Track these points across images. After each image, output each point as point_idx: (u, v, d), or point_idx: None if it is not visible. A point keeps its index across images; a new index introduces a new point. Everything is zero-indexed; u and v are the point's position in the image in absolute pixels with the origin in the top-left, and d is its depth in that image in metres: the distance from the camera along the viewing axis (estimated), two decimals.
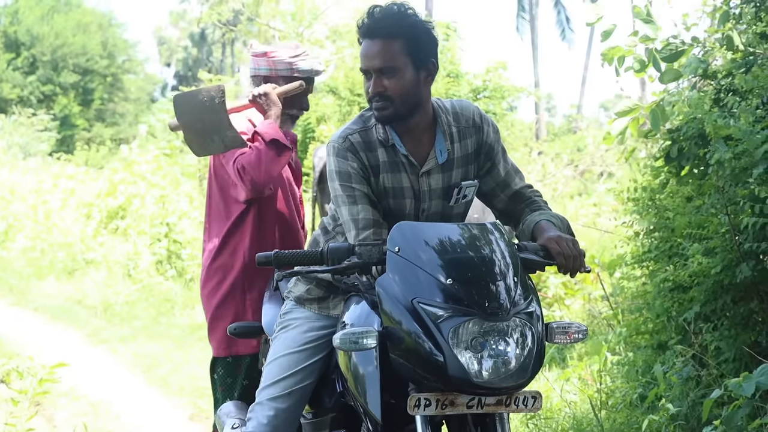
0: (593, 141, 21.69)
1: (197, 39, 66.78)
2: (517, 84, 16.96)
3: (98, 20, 51.51)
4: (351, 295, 3.73)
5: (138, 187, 16.70)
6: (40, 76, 46.14)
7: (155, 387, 9.22)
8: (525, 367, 3.15)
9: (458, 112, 3.87)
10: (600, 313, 9.22)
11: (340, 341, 3.20)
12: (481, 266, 3.22)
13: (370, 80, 3.68)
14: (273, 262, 3.43)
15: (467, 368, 3.08)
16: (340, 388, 3.83)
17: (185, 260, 14.44)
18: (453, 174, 3.82)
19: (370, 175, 3.74)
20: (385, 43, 3.65)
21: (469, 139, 3.85)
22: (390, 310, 3.23)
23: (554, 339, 3.35)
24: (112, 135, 44.82)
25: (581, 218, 16.42)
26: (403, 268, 3.26)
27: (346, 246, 3.40)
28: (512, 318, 3.14)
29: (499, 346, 3.12)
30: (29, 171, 23.01)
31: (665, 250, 6.30)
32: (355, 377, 3.46)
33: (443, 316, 3.11)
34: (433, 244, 3.29)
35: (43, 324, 12.39)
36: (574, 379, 7.44)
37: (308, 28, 19.88)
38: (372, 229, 3.62)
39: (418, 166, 3.78)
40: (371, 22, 3.67)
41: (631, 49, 6.59)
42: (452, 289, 3.15)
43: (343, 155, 3.73)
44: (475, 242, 3.32)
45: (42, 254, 16.44)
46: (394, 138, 3.76)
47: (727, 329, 5.77)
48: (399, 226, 3.36)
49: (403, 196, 3.77)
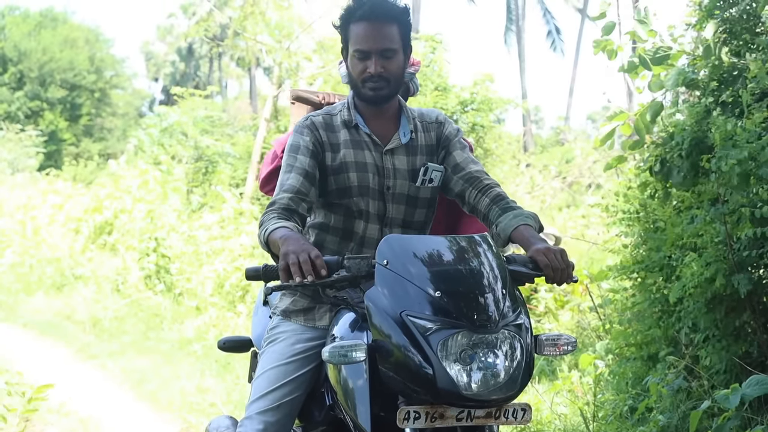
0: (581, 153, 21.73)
1: (184, 54, 66.77)
2: (504, 96, 16.99)
3: (85, 36, 51.50)
4: (340, 308, 3.73)
5: (124, 202, 16.70)
6: (28, 91, 46.10)
7: (144, 402, 9.19)
8: (514, 379, 3.14)
9: (423, 113, 4.10)
10: (589, 325, 9.23)
11: (329, 354, 3.20)
12: (469, 278, 3.22)
13: (364, 61, 3.81)
14: (262, 276, 3.43)
15: (456, 381, 3.07)
16: (330, 401, 3.82)
17: (174, 275, 14.41)
18: (418, 158, 3.97)
19: (324, 151, 3.90)
20: (386, 26, 3.80)
21: (432, 132, 4.04)
22: (379, 323, 3.22)
23: (543, 351, 3.35)
24: (100, 150, 44.86)
25: (570, 230, 16.46)
26: (392, 281, 3.25)
27: (335, 259, 3.40)
28: (501, 330, 3.13)
29: (488, 358, 3.11)
30: (17, 186, 23.00)
31: (656, 261, 6.31)
32: (345, 390, 3.45)
33: (432, 328, 3.10)
34: (422, 256, 3.28)
35: (31, 339, 12.36)
36: (564, 392, 7.44)
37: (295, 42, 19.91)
38: (292, 195, 3.72)
39: (381, 144, 3.94)
40: (372, 4, 3.80)
41: (621, 46, 6.69)
42: (441, 301, 3.14)
43: (300, 131, 3.91)
44: (463, 254, 3.32)
45: (30, 270, 16.42)
46: (357, 119, 3.95)
47: (718, 340, 5.78)
48: (387, 239, 3.37)
49: (366, 170, 3.90)
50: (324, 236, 3.97)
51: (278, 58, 19.63)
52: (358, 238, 3.93)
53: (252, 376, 4.50)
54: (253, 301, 12.63)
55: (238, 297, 13.29)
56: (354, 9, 3.82)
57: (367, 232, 3.93)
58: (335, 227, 3.95)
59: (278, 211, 3.67)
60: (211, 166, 20.53)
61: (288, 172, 3.81)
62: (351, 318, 3.60)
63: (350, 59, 3.85)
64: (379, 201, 3.91)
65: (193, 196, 18.42)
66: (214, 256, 14.47)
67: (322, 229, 3.98)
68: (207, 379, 9.56)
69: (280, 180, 3.81)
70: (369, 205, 3.90)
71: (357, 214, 3.91)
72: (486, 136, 16.27)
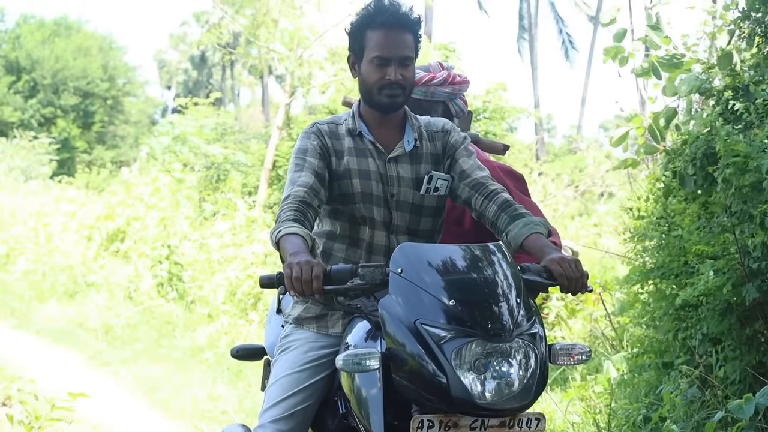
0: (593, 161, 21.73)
1: (197, 62, 66.95)
2: (516, 105, 16.99)
3: (99, 44, 51.70)
4: (353, 317, 3.73)
5: (136, 210, 16.73)
6: (41, 99, 46.27)
7: (156, 410, 9.20)
8: (528, 388, 3.14)
9: (430, 122, 4.09)
10: (602, 334, 9.21)
11: (343, 362, 3.19)
12: (484, 287, 3.21)
13: (384, 68, 3.82)
14: (276, 283, 3.43)
15: (470, 389, 3.06)
16: (343, 409, 3.81)
17: (186, 282, 14.43)
18: (422, 166, 3.97)
19: (330, 156, 3.91)
20: (404, 33, 3.83)
21: (438, 141, 4.03)
22: (393, 332, 3.22)
23: (557, 360, 3.35)
24: (112, 158, 44.96)
25: (582, 238, 16.43)
26: (406, 290, 3.25)
27: (349, 267, 3.40)
28: (515, 339, 3.13)
29: (501, 367, 3.11)
30: (30, 194, 23.05)
31: (672, 268, 6.29)
32: (358, 399, 3.44)
33: (446, 337, 3.10)
34: (436, 265, 3.28)
35: (44, 347, 12.37)
36: (577, 400, 7.42)
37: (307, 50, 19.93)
38: (306, 189, 3.73)
39: (385, 152, 3.94)
40: (395, 12, 3.82)
41: (632, 52, 6.68)
42: (455, 310, 3.14)
43: (307, 136, 3.93)
44: (477, 263, 3.31)
45: (43, 277, 16.44)
46: (361, 127, 3.96)
47: (732, 350, 5.76)
48: (402, 247, 3.37)
49: (369, 178, 3.90)
50: (332, 244, 3.97)
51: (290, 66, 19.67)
52: (365, 245, 3.93)
53: (265, 384, 4.50)
54: (265, 309, 12.64)
55: (250, 305, 13.29)
56: (373, 15, 3.82)
57: (375, 239, 3.93)
58: (342, 235, 3.95)
59: (294, 205, 3.66)
60: (223, 174, 20.57)
61: (299, 170, 3.82)
62: (364, 326, 3.59)
63: (366, 65, 3.85)
64: (384, 208, 3.92)
65: (206, 204, 18.45)
66: (227, 263, 14.49)
67: (329, 238, 3.98)
68: (219, 387, 9.56)
69: (291, 178, 3.82)
70: (374, 212, 3.91)
71: (361, 220, 3.91)
72: None
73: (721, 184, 5.51)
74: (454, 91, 4.72)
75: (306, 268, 3.27)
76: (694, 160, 6.11)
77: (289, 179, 3.83)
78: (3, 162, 28.89)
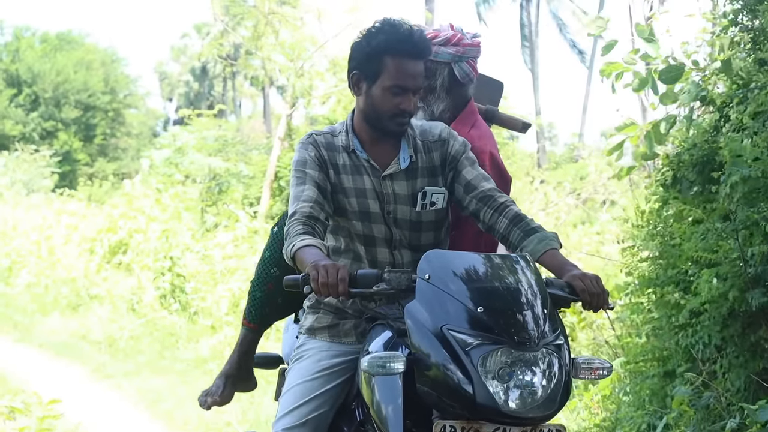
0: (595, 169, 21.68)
1: (198, 74, 66.95)
2: (518, 113, 16.97)
3: (100, 56, 51.75)
4: (375, 324, 3.74)
5: (138, 222, 16.73)
6: (42, 112, 46.32)
7: (160, 422, 9.19)
8: (552, 398, 3.15)
9: (426, 130, 4.01)
10: (605, 342, 9.19)
11: (368, 365, 3.20)
12: (511, 296, 3.23)
13: (399, 96, 3.78)
14: (301, 285, 3.41)
15: (495, 397, 3.08)
16: (361, 416, 3.81)
17: (189, 294, 14.42)
18: (418, 182, 3.92)
19: (328, 168, 3.88)
20: (421, 63, 3.81)
21: (435, 152, 3.97)
22: (418, 337, 3.24)
23: (579, 374, 3.34)
24: (114, 170, 44.98)
25: (585, 246, 16.41)
26: (432, 296, 3.26)
27: (374, 272, 3.40)
28: (541, 349, 3.15)
29: (526, 376, 3.12)
30: (32, 207, 23.06)
31: (672, 276, 6.29)
32: (378, 405, 3.44)
33: (473, 343, 3.12)
34: (462, 272, 3.30)
35: (47, 360, 12.37)
36: (581, 409, 7.42)
37: (308, 61, 19.94)
38: (312, 203, 3.72)
39: (380, 169, 3.90)
40: (416, 42, 3.78)
41: (629, 66, 6.64)
42: (482, 317, 3.15)
43: (304, 147, 3.90)
44: (504, 272, 3.34)
45: (46, 290, 16.45)
46: (355, 144, 3.91)
47: (735, 357, 5.75)
48: (428, 255, 3.38)
49: (365, 196, 3.88)
50: (337, 259, 3.96)
51: (291, 77, 19.69)
52: (368, 261, 3.92)
53: (279, 393, 4.52)
54: None
55: None
56: (396, 42, 3.75)
57: (378, 256, 3.92)
58: (346, 250, 3.96)
59: (302, 220, 3.67)
60: (225, 186, 20.58)
61: (301, 184, 3.80)
62: (386, 334, 3.60)
63: (381, 91, 3.79)
64: (384, 225, 3.91)
65: (208, 216, 18.47)
66: (229, 275, 14.49)
67: (334, 253, 3.97)
68: None
69: (294, 193, 3.80)
70: (373, 230, 3.90)
71: (361, 238, 3.91)
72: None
73: (726, 189, 5.50)
74: (458, 52, 4.43)
75: (332, 271, 3.28)
76: (695, 166, 6.11)
77: (292, 195, 3.81)
78: (5, 175, 28.95)
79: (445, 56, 4.43)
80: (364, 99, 3.87)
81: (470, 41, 4.47)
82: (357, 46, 3.87)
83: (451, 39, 4.45)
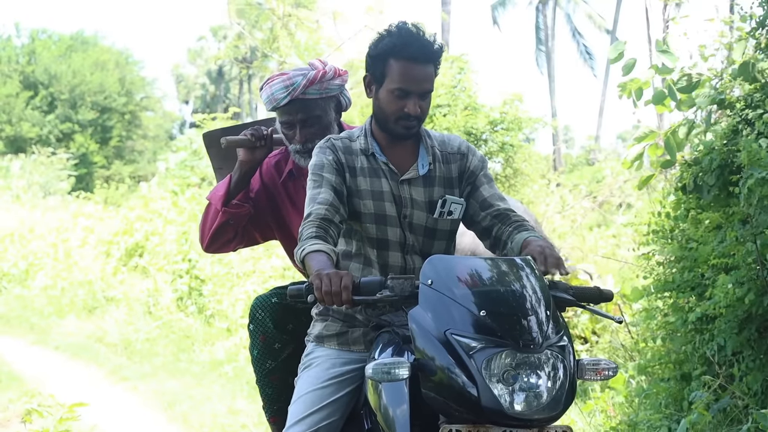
0: (611, 172, 21.63)
1: (215, 76, 67.16)
2: (533, 115, 16.94)
3: (115, 58, 51.89)
4: (381, 331, 3.75)
5: (155, 225, 16.75)
6: (59, 114, 46.50)
7: (176, 424, 9.20)
8: (557, 399, 3.16)
9: (445, 141, 4.06)
10: (621, 345, 9.17)
11: (373, 371, 3.21)
12: (513, 300, 3.24)
13: (403, 99, 3.81)
14: (304, 294, 3.42)
15: (500, 400, 3.09)
16: (369, 424, 3.82)
17: (206, 296, 14.43)
18: (435, 190, 3.95)
19: (344, 171, 3.90)
20: (429, 67, 3.83)
21: (453, 164, 4.00)
22: (423, 342, 3.25)
23: (584, 375, 3.35)
24: (130, 172, 45.08)
25: (601, 249, 16.39)
26: (436, 301, 3.27)
27: (378, 280, 3.41)
28: (544, 351, 3.16)
29: (530, 378, 3.13)
30: (49, 210, 23.15)
31: (689, 280, 6.27)
32: (385, 412, 3.45)
33: (476, 347, 3.13)
34: (465, 277, 3.31)
35: (63, 362, 12.40)
36: (597, 412, 7.40)
37: None
38: (327, 206, 3.75)
39: (398, 173, 3.93)
40: (421, 46, 3.80)
41: (648, 81, 6.61)
42: (486, 321, 3.16)
43: (321, 151, 3.92)
44: (507, 276, 3.35)
45: (62, 292, 16.49)
46: (374, 147, 3.94)
47: (752, 360, 5.73)
48: (431, 259, 3.40)
49: (382, 199, 3.90)
50: (348, 264, 3.97)
51: None
52: (380, 265, 3.93)
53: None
54: None
55: None
56: (400, 46, 3.79)
57: (390, 260, 3.93)
58: (357, 254, 3.96)
59: (316, 223, 3.69)
60: None
61: (317, 187, 3.83)
62: (392, 341, 3.62)
63: (386, 93, 3.84)
64: (399, 229, 3.92)
65: None
66: (246, 278, 14.49)
67: (345, 257, 3.98)
68: (238, 401, 9.56)
69: (310, 196, 3.83)
70: (387, 233, 3.91)
71: (375, 242, 3.92)
72: (516, 155, 16.22)
73: (744, 193, 5.49)
74: (342, 82, 4.64)
75: (335, 279, 3.31)
76: (713, 170, 6.09)
77: (308, 197, 3.83)
78: (22, 178, 29.06)
79: (335, 89, 4.59)
80: (374, 102, 3.93)
81: (344, 70, 4.69)
82: (369, 49, 3.91)
83: (336, 72, 4.61)
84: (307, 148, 4.47)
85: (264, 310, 4.66)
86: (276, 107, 4.58)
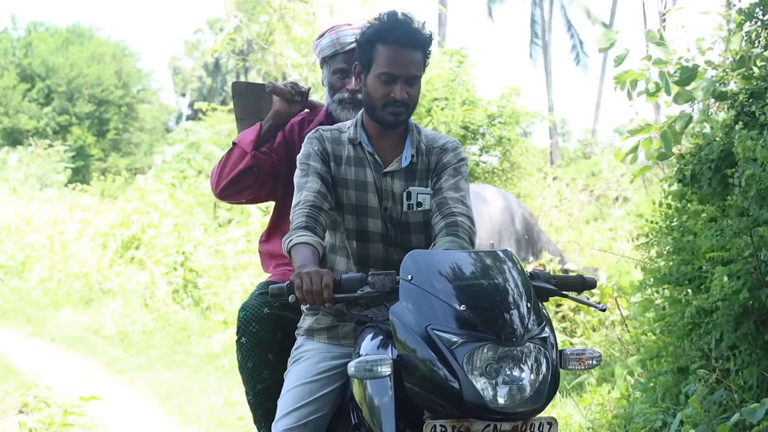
0: (608, 165, 21.67)
1: (211, 69, 67.00)
2: (531, 109, 16.95)
3: (112, 51, 51.82)
4: (365, 327, 3.73)
5: (151, 217, 16.75)
6: (56, 107, 46.43)
7: (172, 416, 9.20)
8: (540, 392, 3.14)
9: (435, 138, 4.06)
10: (618, 339, 9.18)
11: (355, 369, 3.19)
12: (494, 293, 3.22)
13: (390, 85, 3.80)
14: (286, 294, 3.42)
15: (483, 394, 3.06)
16: (356, 419, 3.81)
17: (201, 289, 14.43)
18: (414, 183, 3.96)
19: (330, 161, 3.92)
20: (416, 52, 3.82)
21: (433, 157, 4.00)
22: (404, 338, 3.22)
23: (568, 365, 3.34)
24: (127, 165, 45.05)
25: (597, 243, 16.40)
26: (417, 296, 3.25)
27: (359, 276, 3.41)
28: (526, 344, 3.14)
29: (513, 371, 3.11)
30: (46, 202, 23.15)
31: (686, 273, 6.27)
32: (370, 407, 3.45)
33: (457, 342, 3.10)
34: (446, 272, 3.29)
35: (60, 354, 12.41)
36: (593, 405, 7.40)
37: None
38: (315, 194, 3.77)
39: (382, 165, 3.93)
40: (408, 30, 3.80)
41: (643, 72, 6.60)
42: (466, 315, 3.14)
43: (309, 142, 3.95)
44: (487, 270, 3.33)
45: (59, 284, 16.50)
46: (362, 137, 3.95)
47: (748, 354, 5.73)
48: (412, 254, 3.38)
49: (366, 189, 3.91)
50: (334, 258, 3.98)
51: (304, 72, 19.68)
52: (363, 258, 3.93)
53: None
54: None
55: None
56: (386, 30, 3.79)
57: (371, 252, 3.93)
58: (341, 247, 3.96)
59: (305, 210, 3.72)
60: None
61: (305, 176, 3.86)
62: (376, 336, 3.60)
63: (373, 79, 3.83)
64: (380, 221, 3.92)
65: (220, 210, 18.47)
66: (241, 270, 14.50)
67: (330, 251, 3.99)
68: (234, 393, 9.56)
69: (298, 184, 3.85)
70: (368, 225, 3.92)
71: (355, 234, 3.92)
72: (513, 149, 16.24)
73: (740, 187, 5.49)
74: None
75: (316, 278, 3.30)
76: (711, 163, 6.09)
77: (297, 185, 3.85)
78: (19, 170, 29.06)
79: None
80: (363, 90, 3.92)
81: None
82: (358, 38, 3.92)
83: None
84: (356, 99, 4.57)
85: (258, 322, 4.63)
86: (337, 53, 4.70)
